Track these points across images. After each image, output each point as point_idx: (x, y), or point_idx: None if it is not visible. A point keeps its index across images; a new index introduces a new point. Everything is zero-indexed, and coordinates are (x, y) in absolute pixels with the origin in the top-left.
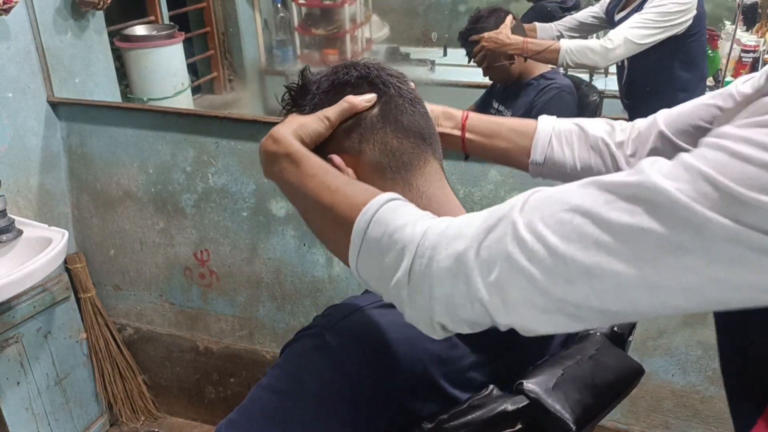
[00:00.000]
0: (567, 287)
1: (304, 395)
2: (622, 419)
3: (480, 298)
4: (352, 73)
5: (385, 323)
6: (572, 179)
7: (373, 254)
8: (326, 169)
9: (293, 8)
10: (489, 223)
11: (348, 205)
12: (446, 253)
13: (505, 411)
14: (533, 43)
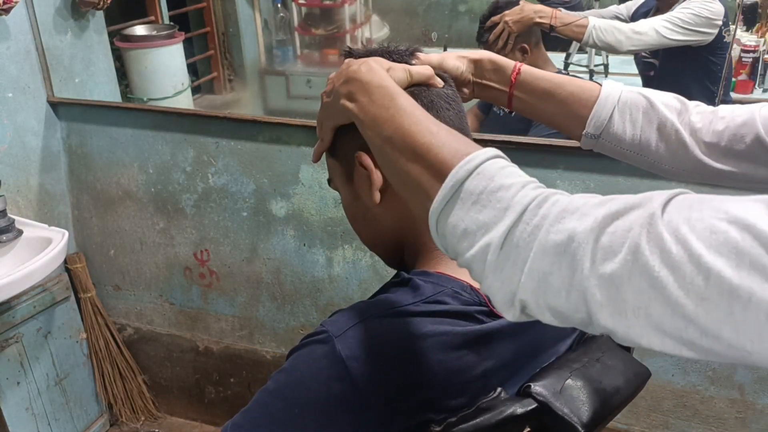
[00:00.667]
0: (700, 306)
1: (310, 404)
2: (622, 419)
3: (583, 288)
4: (385, 57)
5: (395, 333)
6: (626, 158)
7: (466, 207)
8: (421, 110)
9: (293, 8)
10: (618, 207)
11: (446, 151)
12: (558, 227)
13: (513, 414)
14: (561, 15)
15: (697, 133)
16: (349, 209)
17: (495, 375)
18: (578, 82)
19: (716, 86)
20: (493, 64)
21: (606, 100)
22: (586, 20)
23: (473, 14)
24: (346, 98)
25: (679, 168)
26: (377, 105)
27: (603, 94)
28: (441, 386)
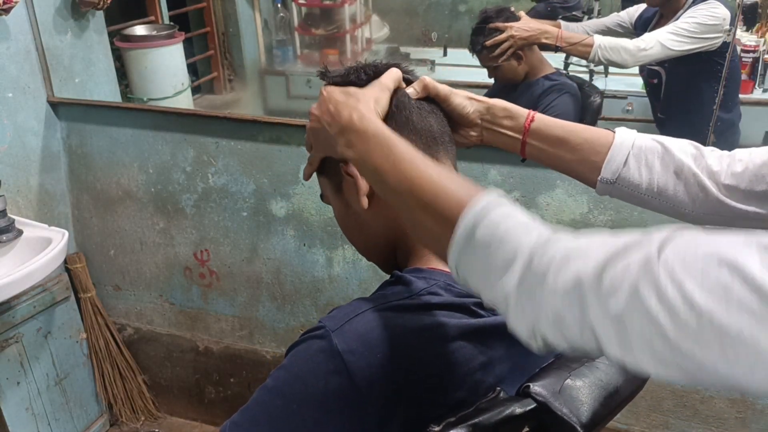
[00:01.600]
0: (695, 344)
1: (308, 399)
2: (622, 419)
3: (592, 326)
4: (362, 77)
5: (391, 326)
6: (643, 203)
7: (478, 255)
8: (420, 156)
9: (293, 8)
10: (617, 249)
11: (451, 199)
12: (564, 270)
13: (512, 414)
14: (567, 35)
15: (716, 176)
16: (342, 220)
17: (492, 369)
18: (591, 129)
19: (726, 89)
20: (505, 111)
21: (621, 145)
22: (591, 39)
23: (473, 14)
24: (344, 146)
25: (700, 212)
26: (377, 155)
27: (617, 141)
28: (439, 379)
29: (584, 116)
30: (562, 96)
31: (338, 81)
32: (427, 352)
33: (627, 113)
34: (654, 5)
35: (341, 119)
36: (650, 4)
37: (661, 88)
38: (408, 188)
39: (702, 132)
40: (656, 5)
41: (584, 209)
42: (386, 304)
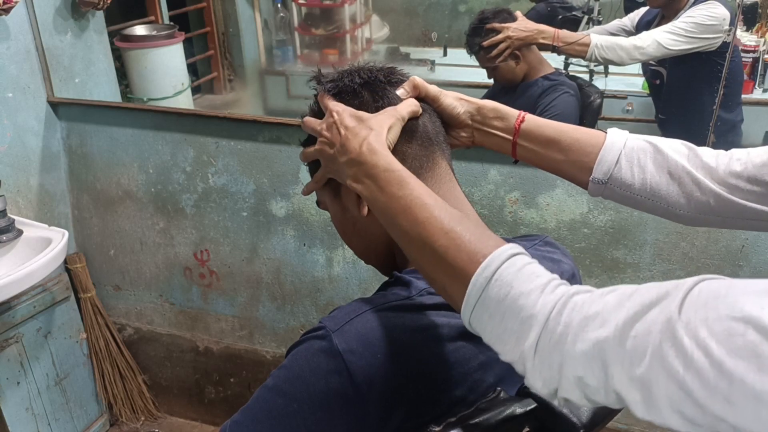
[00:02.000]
0: (727, 407)
1: (309, 399)
2: (622, 419)
3: (617, 390)
4: (356, 81)
5: (391, 326)
6: (637, 204)
7: (491, 314)
8: (433, 197)
9: (293, 8)
10: (635, 309)
11: (464, 254)
12: (582, 336)
13: (513, 414)
14: (564, 34)
15: (713, 173)
16: (340, 224)
17: (491, 368)
18: (582, 129)
19: (729, 89)
20: (495, 112)
21: (612, 146)
22: (588, 38)
23: (473, 14)
24: (352, 179)
25: (695, 212)
26: (387, 194)
27: (609, 141)
28: (438, 378)
29: (584, 116)
30: (561, 96)
31: (331, 87)
32: (426, 352)
33: (627, 113)
34: (655, 6)
35: (351, 149)
36: (652, 6)
37: (663, 88)
38: (418, 234)
39: (703, 132)
40: (657, 6)
41: (584, 209)
42: (386, 304)
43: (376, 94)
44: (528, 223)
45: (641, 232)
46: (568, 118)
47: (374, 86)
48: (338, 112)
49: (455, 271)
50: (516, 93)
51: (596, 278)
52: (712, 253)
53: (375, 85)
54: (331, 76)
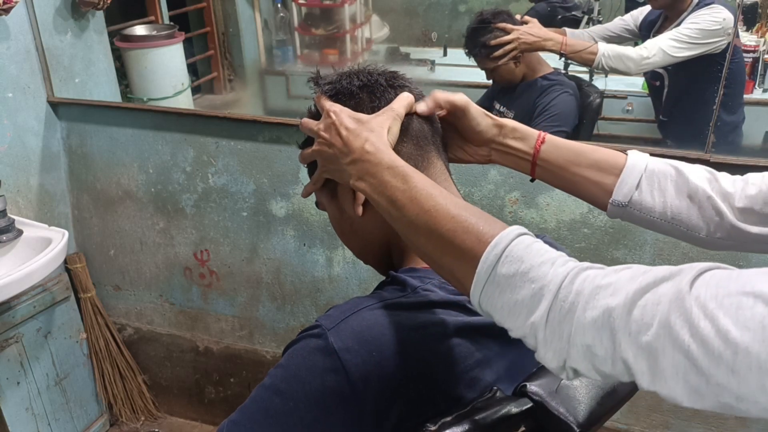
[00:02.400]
0: (732, 377)
1: (306, 397)
2: (622, 419)
3: (624, 358)
4: (354, 83)
5: (387, 324)
6: (656, 227)
7: (502, 290)
8: (438, 188)
9: (293, 8)
10: (647, 281)
11: (472, 235)
12: (593, 303)
13: (509, 413)
14: (571, 42)
15: (730, 198)
16: (337, 224)
17: (489, 366)
18: (603, 150)
19: (731, 90)
20: (515, 132)
21: (633, 168)
22: (595, 47)
23: (473, 14)
24: (357, 178)
25: (715, 236)
26: (392, 187)
27: (630, 163)
28: (435, 375)
29: (584, 116)
30: (560, 95)
31: (329, 89)
32: (423, 349)
33: (627, 113)
34: (658, 8)
35: (353, 149)
36: (654, 7)
37: (664, 90)
38: (425, 222)
39: (704, 134)
40: (660, 7)
41: (584, 209)
42: (382, 302)
43: (374, 95)
44: (528, 223)
45: (641, 232)
46: (567, 118)
47: (374, 89)
48: (335, 112)
49: (464, 253)
50: (515, 93)
51: None
52: (712, 253)
53: (374, 88)
54: (329, 78)
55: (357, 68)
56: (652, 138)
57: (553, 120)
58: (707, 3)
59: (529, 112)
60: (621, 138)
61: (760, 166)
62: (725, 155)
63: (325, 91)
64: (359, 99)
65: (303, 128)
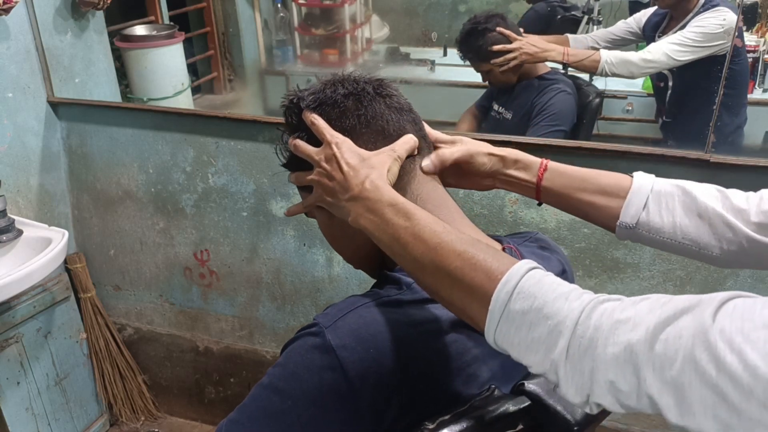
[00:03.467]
0: (765, 412)
1: (303, 395)
2: (622, 419)
3: (650, 394)
4: (339, 91)
5: (384, 321)
6: (667, 247)
7: (517, 327)
8: (441, 224)
9: (293, 8)
10: (667, 314)
11: (481, 272)
12: (613, 339)
13: (506, 412)
14: (573, 52)
15: (744, 215)
16: (327, 230)
17: (486, 362)
18: (607, 175)
19: (735, 91)
20: (518, 163)
21: (639, 190)
22: (597, 54)
23: (473, 14)
24: (357, 216)
25: (728, 254)
26: (394, 225)
27: (635, 185)
28: (432, 372)
29: (582, 115)
30: (558, 95)
31: (312, 100)
32: (420, 346)
33: (627, 113)
34: (665, 7)
35: (353, 187)
36: (661, 6)
37: (667, 91)
38: (431, 260)
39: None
40: (667, 7)
41: None
42: (379, 300)
43: (360, 104)
44: (528, 223)
45: None
46: (565, 117)
47: (360, 97)
48: (338, 144)
49: (474, 291)
50: (513, 93)
51: (596, 278)
52: None
53: (361, 96)
54: (312, 89)
55: (342, 76)
56: (652, 138)
57: (551, 119)
58: (714, 4)
59: (527, 111)
60: (621, 138)
61: (760, 166)
62: (725, 155)
63: (308, 104)
64: (344, 107)
65: (297, 151)
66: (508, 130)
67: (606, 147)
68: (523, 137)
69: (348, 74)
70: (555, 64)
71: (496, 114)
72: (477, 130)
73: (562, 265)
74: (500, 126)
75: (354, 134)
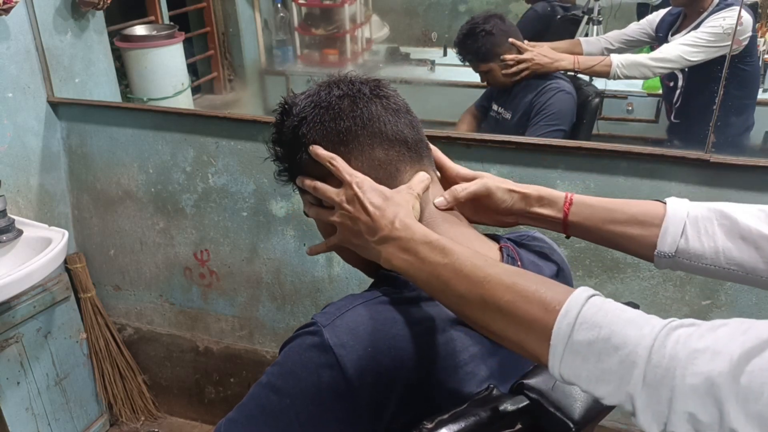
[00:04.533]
0: None
1: (301, 394)
2: (622, 419)
3: (734, 428)
4: (333, 93)
5: (382, 319)
6: (710, 273)
7: (584, 359)
8: (481, 257)
9: (293, 8)
10: (752, 344)
11: (535, 305)
12: (692, 369)
13: (505, 411)
14: (584, 59)
15: None
16: (326, 233)
17: (484, 361)
18: (636, 202)
19: (745, 92)
20: (542, 200)
21: (674, 216)
22: (608, 59)
23: (473, 14)
24: (389, 256)
25: None
26: (432, 262)
27: (670, 212)
28: (430, 370)
29: (583, 116)
30: (557, 95)
31: (306, 105)
32: (417, 344)
33: (627, 113)
34: (679, 5)
35: (382, 227)
36: (675, 4)
37: (676, 91)
38: (479, 295)
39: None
40: (681, 5)
41: None
42: (377, 298)
43: (356, 105)
44: None
45: None
46: (564, 117)
47: (356, 98)
48: (359, 184)
49: (531, 324)
50: (512, 93)
51: (596, 278)
52: None
53: (357, 98)
54: (308, 91)
55: (338, 77)
56: (652, 138)
57: (551, 119)
58: (728, 4)
59: (526, 112)
60: (621, 138)
61: (760, 166)
62: (725, 155)
63: (301, 110)
64: (338, 109)
65: (319, 193)
66: (507, 130)
67: (606, 147)
68: (523, 137)
69: (344, 75)
70: None
71: (496, 114)
72: (476, 130)
73: (559, 264)
74: (500, 126)
75: (350, 136)
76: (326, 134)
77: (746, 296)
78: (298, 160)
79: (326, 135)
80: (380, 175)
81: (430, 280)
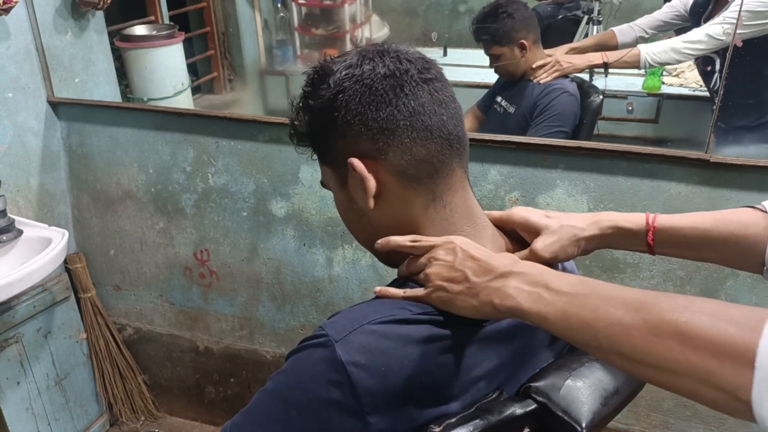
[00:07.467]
0: None
1: (308, 406)
2: (622, 419)
3: None
4: (378, 71)
5: (395, 337)
6: None
7: None
8: (627, 289)
9: (293, 8)
10: None
11: (726, 321)
12: None
13: (512, 415)
14: (610, 54)
15: None
16: (345, 213)
17: (495, 376)
18: (730, 216)
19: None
20: (618, 231)
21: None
22: (636, 50)
23: (473, 14)
24: (514, 293)
25: None
26: (568, 293)
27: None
28: (442, 390)
29: (584, 116)
30: (560, 96)
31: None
32: (430, 363)
33: (627, 113)
34: None
35: (499, 265)
36: None
37: (714, 75)
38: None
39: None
40: None
41: (584, 209)
42: (392, 316)
43: (401, 90)
44: None
45: None
46: (566, 118)
47: (402, 82)
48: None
49: (723, 348)
50: (517, 89)
51: (596, 278)
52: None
53: (404, 81)
54: (347, 59)
55: (382, 47)
56: (652, 138)
57: (553, 120)
58: None
59: (529, 110)
60: (621, 138)
61: (760, 166)
62: (725, 155)
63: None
64: (382, 92)
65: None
66: (510, 123)
67: (606, 147)
68: (524, 137)
69: (389, 47)
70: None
71: (499, 107)
72: (478, 130)
73: (562, 263)
74: (503, 119)
75: (391, 125)
76: (364, 119)
77: (746, 296)
78: (324, 136)
79: (364, 120)
80: (419, 173)
81: (567, 312)
